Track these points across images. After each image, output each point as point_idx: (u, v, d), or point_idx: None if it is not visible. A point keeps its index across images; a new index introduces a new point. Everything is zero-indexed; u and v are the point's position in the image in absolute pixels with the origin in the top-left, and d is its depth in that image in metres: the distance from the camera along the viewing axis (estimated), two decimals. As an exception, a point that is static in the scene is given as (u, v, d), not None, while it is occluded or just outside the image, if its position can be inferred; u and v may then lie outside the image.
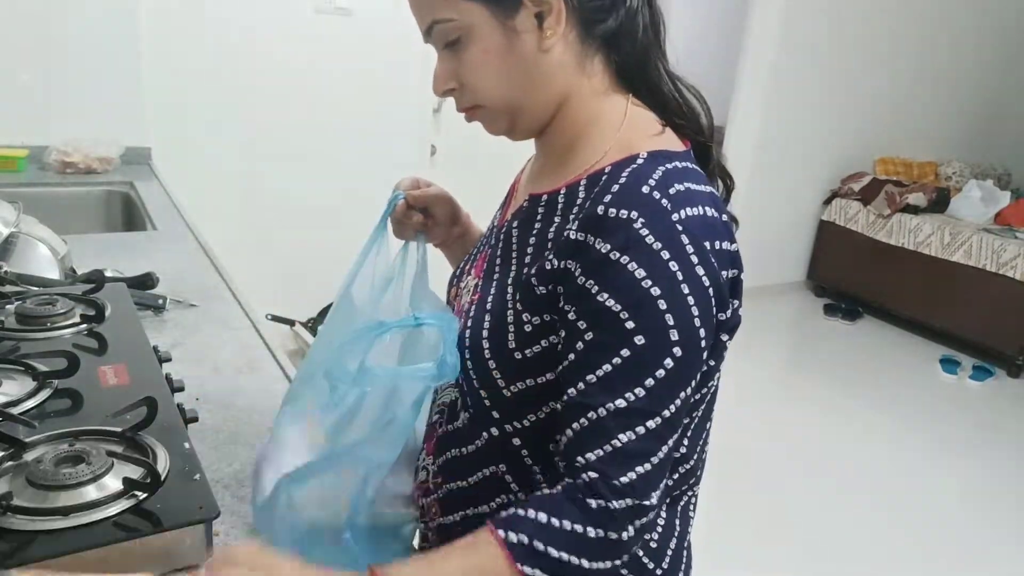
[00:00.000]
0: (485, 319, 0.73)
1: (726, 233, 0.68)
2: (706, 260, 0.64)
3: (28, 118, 2.34)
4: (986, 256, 3.96)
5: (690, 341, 0.64)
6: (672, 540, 0.77)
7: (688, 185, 0.67)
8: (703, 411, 0.75)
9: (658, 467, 0.64)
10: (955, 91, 5.13)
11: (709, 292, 0.65)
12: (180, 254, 1.69)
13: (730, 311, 0.69)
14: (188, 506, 0.71)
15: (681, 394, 0.65)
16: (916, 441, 3.21)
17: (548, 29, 0.69)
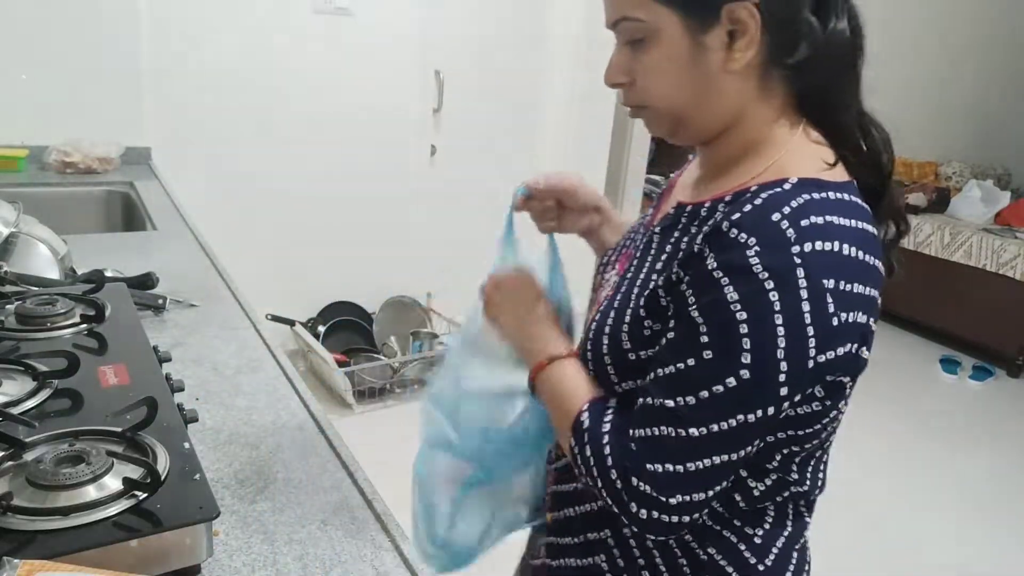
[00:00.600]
0: (611, 315, 0.77)
1: (862, 275, 0.65)
2: (818, 298, 0.63)
3: (28, 118, 2.34)
4: (986, 256, 3.96)
5: (763, 371, 0.64)
6: (780, 540, 0.79)
7: (830, 218, 0.65)
8: (817, 444, 0.76)
9: (694, 475, 0.67)
10: (955, 91, 5.13)
11: (808, 331, 0.63)
12: (180, 254, 1.70)
13: (843, 352, 0.66)
14: (188, 506, 0.71)
15: (739, 417, 0.65)
16: (916, 441, 3.21)
17: (737, 51, 0.68)
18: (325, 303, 3.29)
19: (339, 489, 0.90)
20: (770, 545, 0.78)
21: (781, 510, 0.79)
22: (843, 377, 0.70)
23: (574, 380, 0.78)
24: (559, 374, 0.79)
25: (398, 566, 0.79)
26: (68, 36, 2.33)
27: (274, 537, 0.79)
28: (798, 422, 0.71)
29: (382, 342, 3.21)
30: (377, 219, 3.30)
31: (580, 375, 0.79)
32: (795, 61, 0.69)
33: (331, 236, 3.22)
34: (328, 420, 1.05)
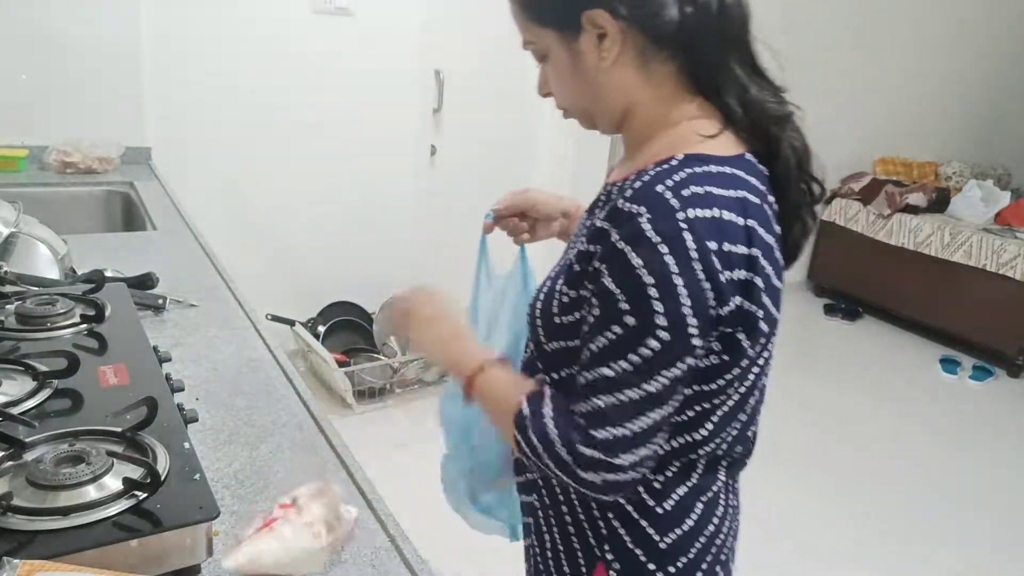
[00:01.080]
0: (547, 284, 0.85)
1: (740, 237, 0.73)
2: (705, 258, 0.70)
3: (28, 118, 2.34)
4: (986, 256, 3.96)
5: (676, 328, 0.71)
6: (681, 488, 0.85)
7: (709, 189, 0.73)
8: (732, 403, 0.82)
9: (638, 434, 0.74)
10: (955, 91, 5.13)
11: (704, 286, 0.70)
12: (180, 254, 1.70)
13: (732, 308, 0.73)
14: (188, 506, 0.71)
15: (665, 373, 0.72)
16: (916, 441, 3.21)
17: (605, 50, 0.77)
18: (325, 303, 3.29)
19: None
20: (670, 491, 0.85)
21: (688, 463, 0.84)
22: (736, 331, 0.75)
23: (506, 381, 0.86)
24: (492, 378, 0.86)
25: (398, 566, 0.79)
26: (68, 36, 2.33)
27: (274, 537, 0.79)
28: (702, 377, 0.77)
29: (382, 342, 3.21)
30: (377, 219, 3.30)
31: (510, 376, 0.88)
32: (670, 45, 0.77)
33: (331, 236, 3.22)
34: (328, 420, 1.05)
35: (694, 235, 0.70)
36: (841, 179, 4.79)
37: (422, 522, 1.74)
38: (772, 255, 0.77)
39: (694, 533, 0.86)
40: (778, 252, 0.79)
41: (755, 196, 0.76)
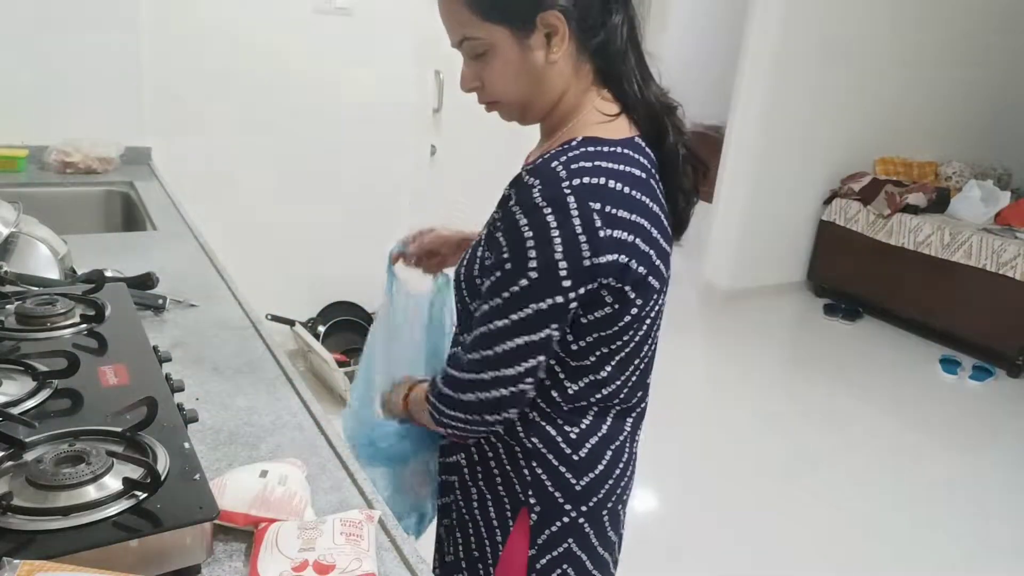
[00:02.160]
0: (469, 251, 0.98)
1: (627, 204, 0.87)
2: (585, 214, 0.83)
3: (28, 118, 2.34)
4: (986, 256, 3.96)
5: (547, 270, 0.84)
6: (593, 438, 0.99)
7: (598, 163, 0.87)
8: (628, 350, 0.96)
9: (502, 355, 0.89)
10: (955, 91, 5.13)
11: (580, 238, 0.83)
12: (180, 254, 1.70)
13: (609, 260, 0.85)
14: (188, 506, 0.71)
15: (532, 306, 0.86)
16: (916, 441, 3.21)
17: (555, 47, 0.88)
18: (325, 303, 3.29)
19: (339, 489, 0.90)
20: (584, 441, 0.98)
21: (599, 415, 0.99)
22: (621, 284, 0.88)
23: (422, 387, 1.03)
24: (416, 392, 1.05)
25: (398, 566, 0.79)
26: (68, 36, 2.33)
27: (274, 537, 0.79)
28: (599, 325, 0.91)
29: (382, 342, 3.21)
30: (377, 219, 3.30)
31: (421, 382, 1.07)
32: (595, 44, 0.90)
33: (331, 236, 3.22)
34: (328, 420, 1.05)
35: (577, 198, 0.83)
36: (841, 179, 4.79)
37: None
38: (659, 223, 0.92)
39: (604, 476, 1.01)
40: (665, 221, 0.94)
41: (641, 172, 0.90)
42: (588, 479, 0.99)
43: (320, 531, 0.75)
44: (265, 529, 0.76)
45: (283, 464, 0.87)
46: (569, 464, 0.98)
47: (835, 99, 4.57)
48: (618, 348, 0.94)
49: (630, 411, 1.02)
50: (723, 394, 3.52)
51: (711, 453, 2.98)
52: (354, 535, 0.76)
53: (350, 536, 0.75)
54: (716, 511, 2.61)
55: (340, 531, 0.76)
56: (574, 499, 0.99)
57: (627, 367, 0.97)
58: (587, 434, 0.98)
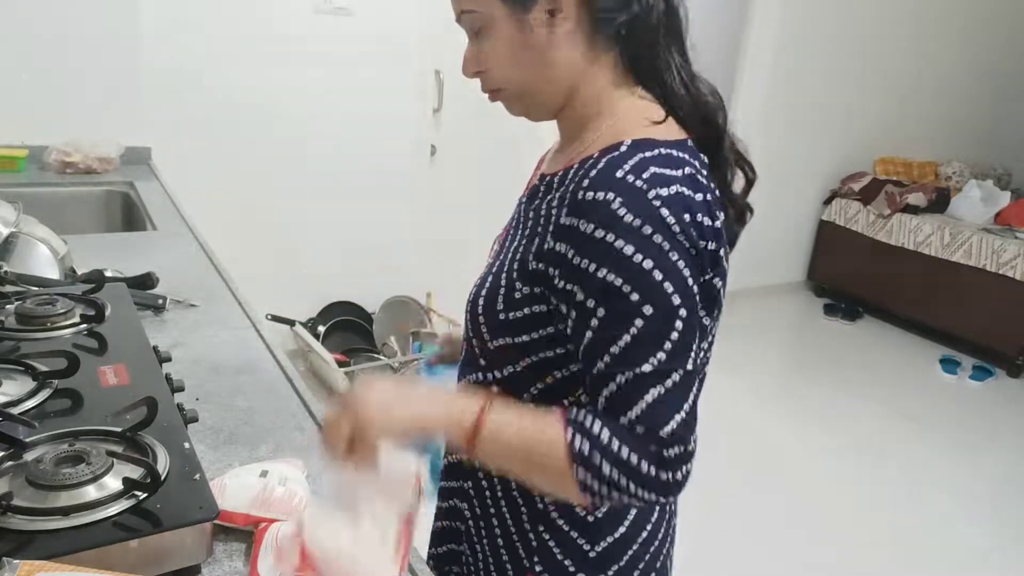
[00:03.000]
0: (488, 280, 0.83)
1: (706, 209, 0.73)
2: (687, 230, 0.70)
3: (28, 118, 2.34)
4: (986, 256, 3.96)
5: (689, 301, 0.70)
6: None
7: (662, 170, 0.71)
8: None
9: (690, 414, 0.71)
10: (955, 91, 5.13)
11: (693, 254, 0.71)
12: (180, 254, 1.70)
13: (708, 277, 0.74)
14: (188, 506, 0.71)
15: (694, 347, 0.71)
16: (916, 441, 3.21)
17: (558, 26, 0.75)
18: (325, 303, 3.29)
19: (339, 489, 0.90)
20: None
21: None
22: (706, 305, 0.75)
23: (519, 418, 0.73)
24: (498, 423, 0.72)
25: (398, 566, 0.79)
26: (68, 36, 2.33)
27: (274, 537, 0.79)
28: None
29: (382, 342, 3.21)
30: (377, 219, 3.30)
31: (514, 409, 0.74)
32: (617, 29, 0.76)
33: (331, 236, 3.22)
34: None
35: (671, 210, 0.69)
36: (841, 179, 4.79)
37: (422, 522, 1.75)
38: (724, 233, 0.77)
39: (627, 540, 0.85)
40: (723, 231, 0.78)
41: (702, 176, 0.76)
42: (606, 544, 0.84)
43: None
44: (265, 529, 0.76)
45: (283, 464, 0.87)
46: (581, 527, 0.83)
47: (835, 99, 4.57)
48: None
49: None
50: (723, 393, 3.52)
51: (710, 453, 2.97)
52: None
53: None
54: (715, 510, 2.61)
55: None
56: (588, 567, 0.84)
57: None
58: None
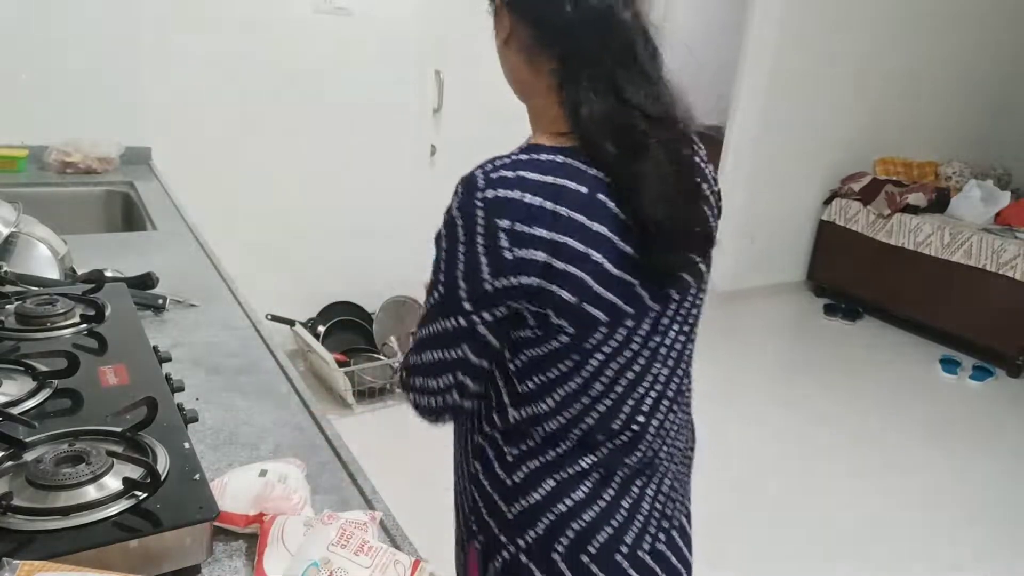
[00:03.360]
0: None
1: (541, 220, 0.77)
2: (490, 232, 0.77)
3: (28, 118, 2.34)
4: (986, 256, 3.96)
5: (450, 290, 0.81)
6: (533, 462, 0.89)
7: (523, 173, 0.78)
8: (575, 384, 0.85)
9: (421, 367, 0.86)
10: (955, 91, 5.13)
11: (482, 260, 0.78)
12: (180, 254, 1.70)
13: (517, 284, 0.78)
14: (188, 506, 0.71)
15: (435, 326, 0.84)
16: (916, 441, 3.21)
17: (496, 28, 0.87)
18: (325, 303, 3.29)
19: (339, 489, 0.90)
20: (520, 464, 0.89)
21: (546, 438, 0.88)
22: (538, 308, 0.80)
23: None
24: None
25: (398, 566, 0.79)
26: (68, 36, 2.33)
27: (274, 537, 0.79)
28: (523, 345, 0.84)
29: (382, 342, 3.21)
30: (377, 219, 3.30)
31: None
32: (551, 44, 0.82)
33: (331, 236, 3.22)
34: (328, 420, 1.05)
35: (486, 213, 0.77)
36: (841, 179, 4.79)
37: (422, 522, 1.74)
38: (608, 245, 0.78)
39: (541, 508, 0.88)
40: (625, 244, 0.79)
41: (583, 186, 0.78)
42: (520, 508, 0.89)
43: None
44: (271, 521, 0.76)
45: (283, 464, 0.87)
46: (501, 489, 0.90)
47: (835, 99, 4.57)
48: (558, 379, 0.84)
49: (598, 446, 0.88)
50: (723, 394, 3.52)
51: (710, 453, 2.97)
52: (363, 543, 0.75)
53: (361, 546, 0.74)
54: (715, 511, 2.61)
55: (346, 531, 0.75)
56: (508, 530, 0.90)
57: (573, 402, 0.85)
58: (526, 457, 0.89)
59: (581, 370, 0.84)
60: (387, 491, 0.93)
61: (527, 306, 0.80)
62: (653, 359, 0.87)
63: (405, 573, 0.72)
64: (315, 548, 0.71)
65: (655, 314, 0.85)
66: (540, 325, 0.82)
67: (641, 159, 0.79)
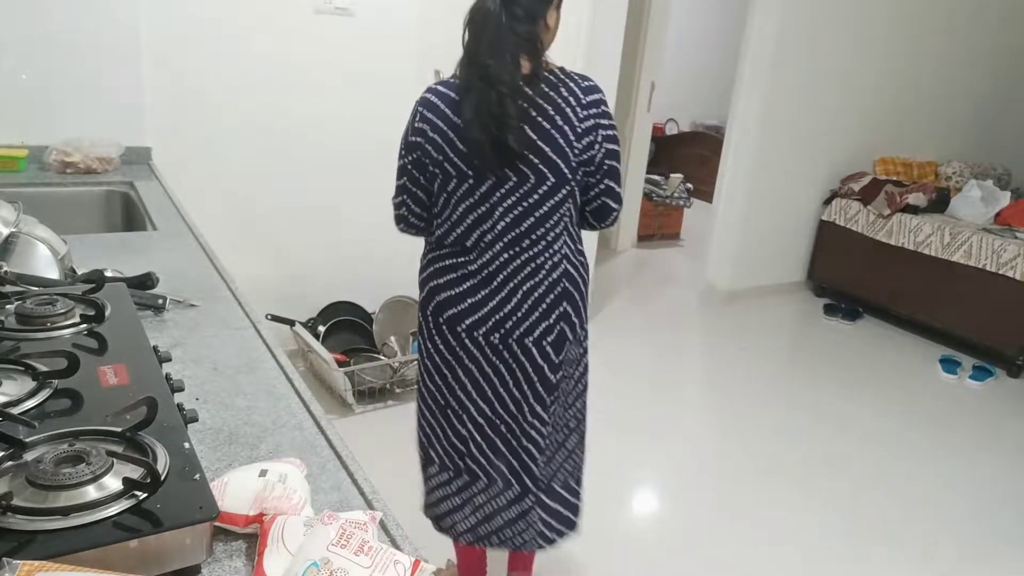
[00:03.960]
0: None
1: (431, 109, 1.50)
2: (413, 113, 1.53)
3: (28, 118, 2.34)
4: (986, 256, 3.96)
5: (402, 147, 1.56)
6: (425, 258, 1.70)
7: (436, 86, 1.52)
8: (447, 210, 1.55)
9: (395, 202, 1.63)
10: (955, 91, 5.13)
11: (408, 126, 1.55)
12: (180, 254, 1.70)
13: (412, 140, 1.53)
14: (188, 506, 0.71)
15: (400, 166, 1.58)
16: (916, 441, 3.21)
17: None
18: (325, 303, 3.29)
19: (339, 489, 0.90)
20: (423, 258, 1.67)
21: (439, 241, 1.60)
22: (424, 159, 1.52)
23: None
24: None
25: (398, 566, 0.79)
26: (68, 36, 2.33)
27: (274, 537, 0.79)
28: (430, 180, 1.55)
29: (382, 342, 3.21)
30: (377, 219, 3.29)
31: None
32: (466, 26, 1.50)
33: (331, 236, 3.22)
34: (328, 420, 1.05)
35: (417, 103, 1.53)
36: (841, 179, 4.79)
37: (422, 522, 1.74)
38: (441, 131, 1.48)
39: (424, 282, 1.65)
40: (458, 130, 1.46)
41: (439, 100, 1.49)
42: (419, 280, 1.69)
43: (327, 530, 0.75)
44: (272, 521, 0.76)
45: (283, 464, 0.87)
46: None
47: (835, 99, 4.57)
48: (443, 204, 1.54)
49: (458, 253, 1.57)
50: (723, 394, 3.52)
51: (710, 452, 2.98)
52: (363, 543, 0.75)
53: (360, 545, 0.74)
54: (715, 511, 2.61)
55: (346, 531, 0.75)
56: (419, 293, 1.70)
57: (448, 218, 1.54)
58: (424, 258, 1.67)
59: (451, 201, 1.52)
60: (387, 491, 0.93)
61: (419, 156, 1.52)
62: (493, 209, 1.49)
63: (405, 573, 0.72)
64: (315, 548, 0.71)
65: (492, 181, 1.47)
66: (431, 168, 1.52)
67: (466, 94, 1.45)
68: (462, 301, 1.55)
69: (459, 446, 1.65)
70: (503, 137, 1.40)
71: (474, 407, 1.61)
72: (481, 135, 1.40)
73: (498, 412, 1.60)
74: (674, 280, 5.14)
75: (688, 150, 7.30)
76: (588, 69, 3.56)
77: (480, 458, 1.64)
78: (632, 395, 3.38)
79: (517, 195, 1.47)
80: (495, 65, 1.39)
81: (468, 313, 1.55)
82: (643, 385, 3.49)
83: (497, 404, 1.59)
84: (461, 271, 1.54)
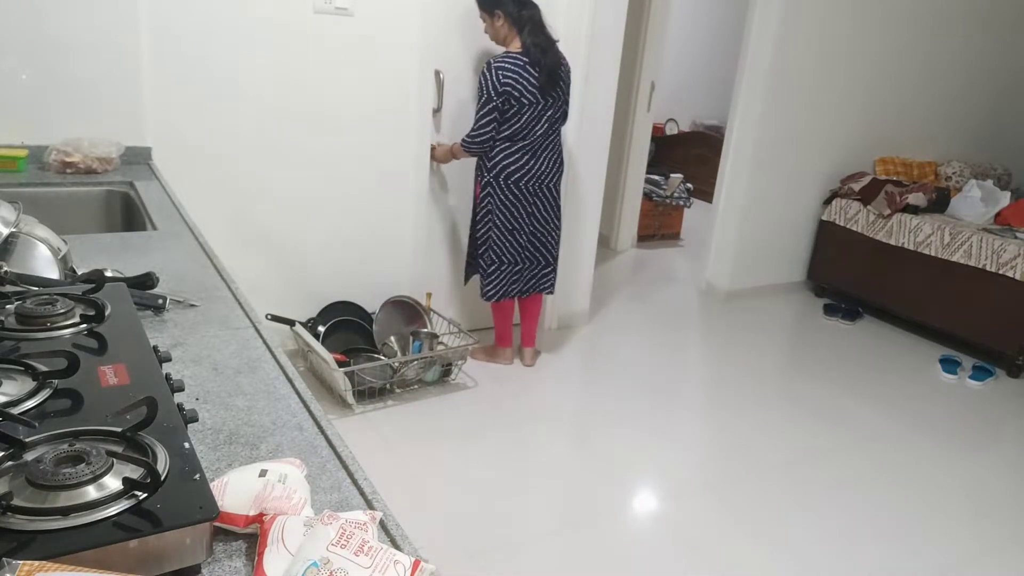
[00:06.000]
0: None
1: (508, 72, 2.95)
2: (494, 75, 2.94)
3: (28, 118, 2.34)
4: (986, 256, 3.96)
5: (493, 93, 2.96)
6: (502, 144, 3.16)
7: (502, 60, 2.96)
8: (518, 123, 3.07)
9: (486, 129, 3.06)
10: (955, 91, 5.13)
11: (497, 81, 2.96)
12: (180, 254, 1.70)
13: (504, 88, 2.95)
14: (188, 506, 0.71)
15: (489, 110, 3.01)
16: (916, 441, 3.21)
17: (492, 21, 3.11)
18: (325, 303, 3.29)
19: (339, 489, 0.90)
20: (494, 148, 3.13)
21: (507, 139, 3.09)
22: (512, 97, 2.97)
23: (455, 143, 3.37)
24: (454, 144, 3.30)
25: (398, 566, 0.79)
26: (68, 36, 2.33)
27: (274, 537, 0.79)
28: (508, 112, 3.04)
29: (382, 342, 3.21)
30: (377, 219, 3.30)
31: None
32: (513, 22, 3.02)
33: (331, 236, 3.22)
34: (328, 420, 1.05)
35: (489, 69, 2.95)
36: (841, 179, 4.79)
37: (422, 522, 1.74)
38: (523, 81, 2.94)
39: (499, 162, 3.07)
40: (535, 81, 2.97)
41: (516, 63, 2.92)
42: (492, 162, 3.08)
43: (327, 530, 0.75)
44: (272, 521, 0.76)
45: (283, 464, 0.87)
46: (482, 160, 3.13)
47: (835, 99, 4.57)
48: (513, 121, 3.00)
49: (526, 148, 3.07)
50: (723, 394, 3.52)
51: (711, 452, 2.98)
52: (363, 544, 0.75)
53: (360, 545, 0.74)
54: (716, 511, 2.61)
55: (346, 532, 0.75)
56: (489, 172, 3.11)
57: (513, 128, 3.02)
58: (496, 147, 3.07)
59: (522, 118, 3.00)
60: (387, 491, 0.93)
61: (509, 97, 2.95)
62: (540, 118, 3.03)
63: (405, 573, 0.72)
64: (315, 548, 0.71)
65: (548, 100, 3.03)
66: (515, 103, 2.97)
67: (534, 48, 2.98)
68: (522, 168, 3.08)
69: (520, 248, 3.21)
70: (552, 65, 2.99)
71: (527, 225, 3.18)
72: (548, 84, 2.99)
73: (536, 226, 3.21)
74: (674, 280, 5.14)
75: (688, 150, 7.30)
76: (588, 69, 3.58)
77: (533, 252, 3.26)
78: (632, 395, 3.38)
79: (553, 107, 3.05)
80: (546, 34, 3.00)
81: (524, 173, 3.10)
82: (643, 385, 3.49)
83: (537, 221, 3.20)
84: (523, 151, 3.05)
